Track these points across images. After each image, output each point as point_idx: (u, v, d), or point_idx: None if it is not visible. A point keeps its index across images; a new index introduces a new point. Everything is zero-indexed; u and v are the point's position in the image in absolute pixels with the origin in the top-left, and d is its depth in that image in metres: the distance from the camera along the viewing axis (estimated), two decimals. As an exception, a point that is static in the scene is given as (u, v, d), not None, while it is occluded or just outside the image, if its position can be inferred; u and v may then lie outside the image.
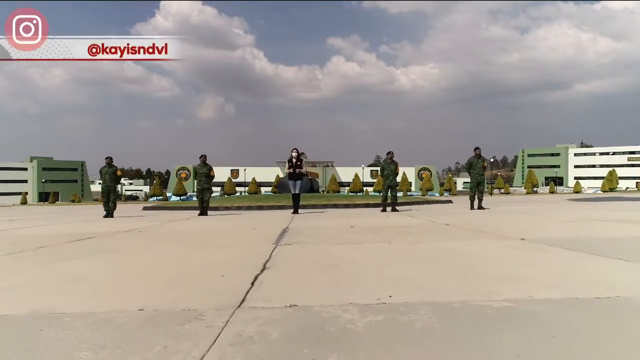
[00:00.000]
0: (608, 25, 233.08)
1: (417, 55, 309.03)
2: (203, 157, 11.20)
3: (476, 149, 11.38)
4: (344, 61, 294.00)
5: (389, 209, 11.22)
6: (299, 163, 10.95)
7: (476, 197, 11.32)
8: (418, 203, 17.42)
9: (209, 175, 11.24)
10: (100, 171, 11.34)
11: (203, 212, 11.09)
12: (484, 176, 11.37)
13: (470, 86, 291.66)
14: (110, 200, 11.17)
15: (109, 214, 11.10)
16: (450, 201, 20.16)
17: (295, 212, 10.97)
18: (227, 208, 15.59)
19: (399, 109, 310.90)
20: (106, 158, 11.30)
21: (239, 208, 15.59)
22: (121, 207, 26.15)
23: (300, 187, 11.06)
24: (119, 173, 11.33)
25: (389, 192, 11.22)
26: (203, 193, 11.16)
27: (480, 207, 11.16)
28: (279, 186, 22.98)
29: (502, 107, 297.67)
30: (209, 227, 7.12)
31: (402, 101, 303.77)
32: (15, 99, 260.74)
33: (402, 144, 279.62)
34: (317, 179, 29.79)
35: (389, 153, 11.26)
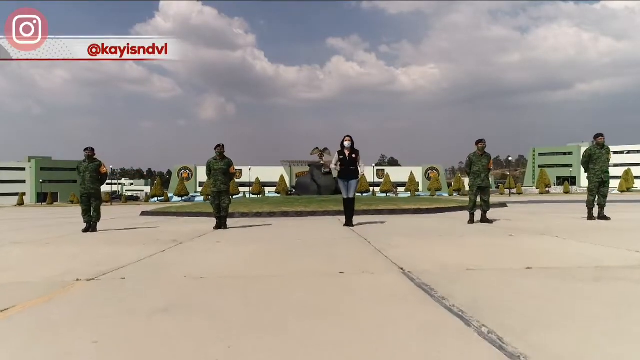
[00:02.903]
0: (609, 24, 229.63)
1: (417, 55, 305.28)
2: (220, 148, 8.04)
3: (599, 135, 8.21)
4: (344, 61, 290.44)
5: (476, 217, 8.11)
6: (353, 156, 7.85)
7: (596, 202, 8.20)
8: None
9: (229, 173, 8.10)
10: (78, 168, 8.14)
11: (220, 224, 7.96)
12: (610, 173, 8.24)
13: (471, 86, 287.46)
14: (92, 208, 8.05)
15: (90, 226, 7.99)
16: (505, 204, 16.99)
17: (349, 223, 7.86)
18: (243, 214, 12.50)
19: (400, 109, 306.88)
20: (85, 149, 8.12)
21: (258, 215, 12.50)
22: (118, 211, 22.61)
23: (355, 189, 7.95)
24: (103, 170, 8.17)
25: (478, 196, 8.08)
26: (220, 197, 8.00)
27: (602, 217, 8.04)
28: (297, 187, 19.87)
29: (503, 107, 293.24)
30: (244, 267, 4.00)
31: (403, 101, 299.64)
32: (18, 99, 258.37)
33: (404, 144, 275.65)
34: None
35: (479, 142, 8.11)
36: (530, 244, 4.92)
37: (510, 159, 78.72)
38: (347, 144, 7.83)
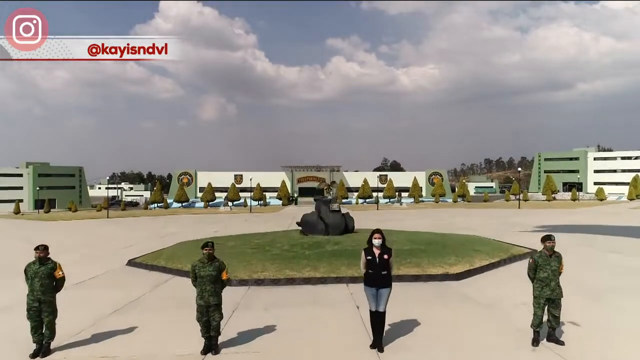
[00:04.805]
0: (609, 24, 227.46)
1: (417, 56, 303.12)
2: (208, 248, 6.15)
3: None
4: (345, 61, 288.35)
5: (542, 334, 6.25)
6: (385, 257, 6.03)
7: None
8: (503, 263, 12.44)
9: (220, 281, 6.22)
10: (26, 272, 6.21)
11: (210, 347, 6.09)
12: None
13: (471, 87, 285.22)
14: (43, 323, 6.18)
15: (42, 348, 6.13)
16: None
17: (377, 345, 6.03)
18: (242, 282, 10.74)
19: (401, 110, 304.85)
20: (36, 248, 6.23)
21: (260, 282, 10.75)
22: (110, 232, 17.28)
23: (386, 301, 6.09)
24: (59, 274, 6.23)
25: (546, 308, 6.20)
26: (209, 313, 6.09)
27: None
28: (303, 224, 18.04)
29: (504, 107, 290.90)
30: None
31: (403, 102, 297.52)
32: (19, 100, 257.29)
33: (405, 144, 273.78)
34: (350, 216, 20.35)
35: (547, 239, 6.22)
36: None
37: (520, 169, 76.25)
38: (377, 242, 6.01)
